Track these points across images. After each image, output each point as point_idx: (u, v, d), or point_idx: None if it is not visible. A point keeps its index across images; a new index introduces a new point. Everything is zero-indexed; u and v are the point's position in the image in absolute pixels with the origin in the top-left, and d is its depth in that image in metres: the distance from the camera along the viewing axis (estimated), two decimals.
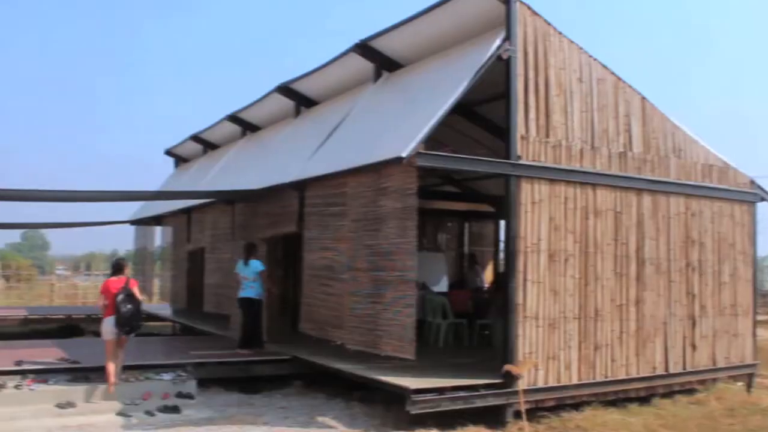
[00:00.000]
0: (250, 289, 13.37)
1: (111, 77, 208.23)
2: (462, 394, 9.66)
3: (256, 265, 13.38)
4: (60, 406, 10.07)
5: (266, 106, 16.93)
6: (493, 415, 9.84)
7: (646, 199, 11.57)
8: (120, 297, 10.72)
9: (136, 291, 10.98)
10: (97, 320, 21.25)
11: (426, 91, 11.14)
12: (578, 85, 10.94)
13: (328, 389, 11.66)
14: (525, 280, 10.09)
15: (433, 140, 9.81)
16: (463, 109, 12.57)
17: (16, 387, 10.34)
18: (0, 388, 10.19)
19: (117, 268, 11.30)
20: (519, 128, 10.17)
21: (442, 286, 17.33)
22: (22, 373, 10.82)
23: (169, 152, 24.80)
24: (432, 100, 10.30)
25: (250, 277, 13.37)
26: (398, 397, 9.63)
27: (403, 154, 9.22)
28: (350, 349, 11.12)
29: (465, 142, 14.31)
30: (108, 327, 10.83)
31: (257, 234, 14.43)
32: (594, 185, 10.91)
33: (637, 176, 11.43)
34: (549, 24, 10.65)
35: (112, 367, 10.66)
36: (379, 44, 12.67)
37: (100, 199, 15.02)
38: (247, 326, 13.51)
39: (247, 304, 13.42)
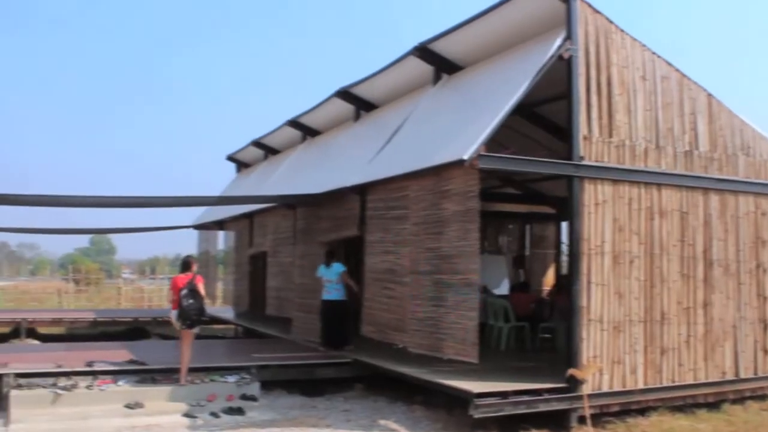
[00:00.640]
0: (335, 292, 13.59)
1: (175, 84, 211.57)
2: (525, 398, 9.54)
3: (338, 267, 13.61)
4: (129, 406, 10.31)
5: (326, 110, 17.03)
6: (557, 420, 9.70)
7: (714, 199, 11.28)
8: (183, 292, 11.24)
9: (200, 287, 11.41)
10: (163, 323, 21.88)
11: (486, 93, 11.08)
12: (641, 83, 10.74)
13: (390, 392, 11.65)
14: (589, 282, 9.94)
15: (493, 142, 9.74)
16: (522, 109, 12.45)
17: (88, 387, 10.61)
18: (72, 388, 10.46)
19: (185, 265, 11.75)
20: (581, 128, 10.03)
21: (503, 288, 17.19)
22: (93, 373, 11.09)
23: (230, 158, 25.13)
24: (492, 101, 10.23)
25: (333, 279, 13.57)
26: (461, 401, 9.58)
27: (465, 157, 9.17)
28: (412, 353, 11.11)
29: (525, 143, 14.19)
30: (174, 320, 11.39)
31: (319, 238, 14.52)
32: (659, 185, 10.69)
33: (704, 175, 11.16)
34: (610, 22, 10.49)
35: (187, 360, 11.31)
36: (438, 47, 12.64)
37: (164, 204, 15.29)
38: (333, 327, 13.68)
39: (332, 306, 13.60)
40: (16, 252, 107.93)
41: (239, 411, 10.40)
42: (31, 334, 20.45)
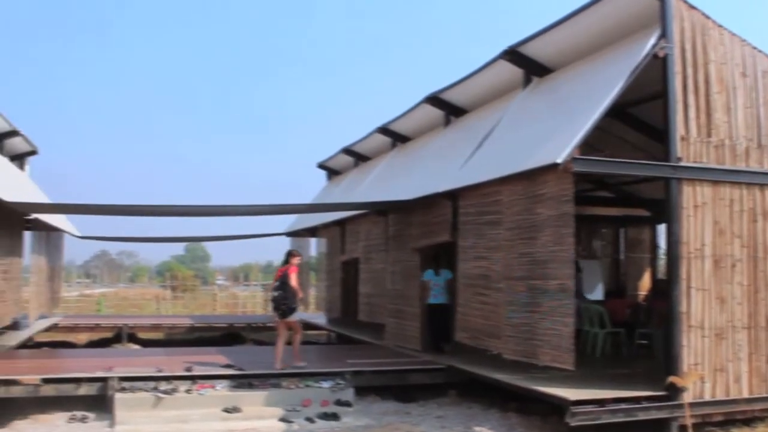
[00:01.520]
0: (442, 296, 13.93)
1: (264, 95, 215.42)
2: (623, 406, 9.33)
3: (447, 273, 13.88)
4: (226, 410, 10.53)
5: (416, 116, 17.06)
6: (657, 429, 9.46)
7: None
8: (275, 284, 12.23)
9: (291, 278, 12.11)
10: (257, 328, 22.31)
11: (579, 95, 10.91)
12: (742, 80, 10.39)
13: (483, 399, 11.57)
14: (689, 287, 9.66)
15: (585, 145, 9.57)
16: (615, 110, 12.21)
17: (187, 391, 10.91)
18: (173, 392, 10.78)
19: (285, 257, 12.52)
20: (678, 129, 9.77)
21: (598, 294, 16.88)
22: (193, 378, 11.37)
23: (321, 165, 25.44)
24: (585, 103, 10.07)
25: (441, 284, 13.93)
26: (556, 408, 9.45)
27: (559, 160, 9.06)
28: (506, 359, 11.01)
29: (618, 144, 13.93)
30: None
31: (410, 244, 14.54)
32: (762, 186, 10.31)
33: None
34: (707, 17, 10.19)
35: (278, 349, 12.21)
36: (528, 50, 12.52)
37: (257, 212, 15.61)
38: (438, 330, 13.92)
39: (439, 309, 13.89)
40: (116, 260, 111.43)
41: (334, 416, 10.49)
42: (132, 339, 21.10)
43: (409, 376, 12.30)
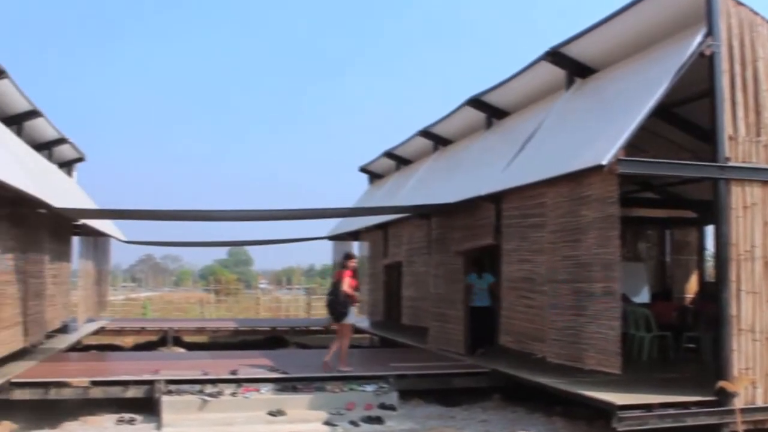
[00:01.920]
0: (485, 299, 14.11)
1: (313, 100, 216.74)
2: (671, 411, 9.18)
3: (489, 277, 14.10)
4: (271, 413, 10.60)
5: (457, 119, 17.01)
6: None
7: None
8: (330, 288, 12.73)
9: (344, 282, 12.41)
10: (300, 332, 22.42)
11: (623, 95, 10.79)
12: None
13: (528, 403, 11.46)
14: (739, 290, 9.49)
15: (630, 145, 9.46)
16: (660, 110, 12.04)
17: (232, 394, 10.99)
18: (218, 395, 10.88)
19: (342, 260, 13.05)
20: (726, 128, 9.62)
21: (643, 297, 16.69)
22: (238, 381, 11.45)
23: (363, 169, 25.49)
24: (630, 104, 9.96)
25: (485, 287, 14.12)
26: (603, 412, 9.34)
27: (603, 162, 8.98)
28: (551, 362, 10.91)
29: (663, 145, 13.74)
30: None
31: (453, 247, 14.49)
32: None
33: None
34: (756, 13, 10.01)
35: (332, 347, 12.69)
36: (570, 51, 12.41)
37: (299, 217, 15.67)
38: (480, 331, 13.99)
39: (482, 311, 14.02)
40: (160, 264, 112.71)
41: (378, 420, 10.49)
42: (177, 342, 21.33)
43: (452, 380, 12.25)
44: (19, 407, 10.73)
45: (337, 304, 12.45)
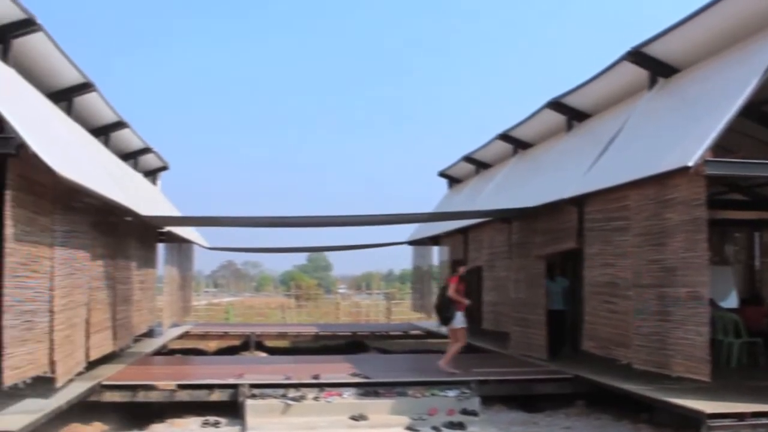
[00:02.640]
0: (558, 303, 14.31)
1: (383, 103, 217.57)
2: (764, 421, 8.85)
3: (563, 281, 14.33)
4: (353, 418, 10.64)
5: (537, 122, 16.83)
6: None
7: None
8: (439, 293, 13.42)
9: (450, 288, 12.94)
10: (381, 337, 22.47)
11: (709, 94, 10.51)
12: None
13: (612, 410, 11.22)
14: None
15: (717, 146, 9.20)
16: (748, 109, 11.67)
17: (315, 399, 11.11)
18: (301, 399, 11.00)
19: (452, 266, 13.46)
20: None
21: (731, 301, 16.20)
22: (320, 386, 11.55)
23: (442, 174, 25.44)
24: (716, 103, 9.70)
25: (559, 290, 14.30)
26: (691, 421, 9.08)
27: (690, 163, 8.77)
28: (636, 369, 10.67)
29: (752, 144, 13.31)
30: None
31: (535, 251, 14.32)
32: None
33: None
34: None
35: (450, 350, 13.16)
36: (652, 50, 12.15)
37: (379, 222, 15.73)
38: (557, 335, 14.06)
39: (558, 315, 14.18)
40: (241, 269, 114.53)
41: (460, 426, 10.41)
42: (259, 346, 21.61)
43: (535, 386, 12.11)
44: (109, 409, 11.05)
45: (443, 309, 13.07)
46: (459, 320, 13.01)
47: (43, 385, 9.60)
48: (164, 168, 22.43)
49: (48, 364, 9.57)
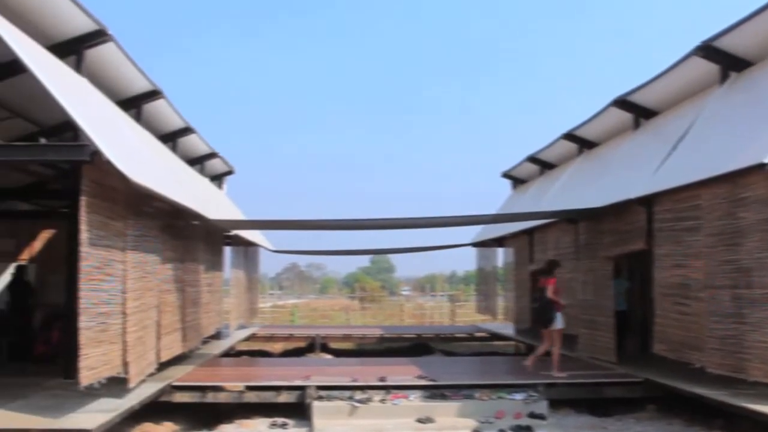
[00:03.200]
0: (622, 303, 14.39)
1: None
2: None
3: (622, 282, 14.46)
4: (420, 420, 10.62)
5: (603, 121, 16.53)
6: None
7: None
8: (536, 294, 13.21)
9: (548, 290, 12.79)
10: (446, 339, 22.40)
11: None
12: None
13: (684, 415, 10.97)
14: None
15: None
16: None
17: (381, 401, 11.13)
18: (368, 401, 11.04)
19: (548, 267, 13.31)
20: None
21: None
22: (386, 388, 11.57)
23: (506, 174, 25.22)
24: None
25: (621, 291, 14.38)
26: None
27: (765, 160, 8.49)
28: (710, 373, 10.41)
29: None
30: None
31: (602, 252, 14.10)
32: None
33: None
34: None
35: (539, 349, 13.23)
36: (723, 44, 11.81)
37: (443, 224, 15.68)
38: (621, 336, 13.94)
39: (619, 316, 13.99)
40: (305, 272, 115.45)
41: (528, 429, 10.30)
42: (324, 348, 21.75)
43: (604, 390, 11.92)
44: (179, 409, 11.23)
45: (543, 311, 12.95)
46: (559, 321, 12.88)
47: (116, 385, 9.81)
48: (230, 172, 22.75)
49: (121, 364, 9.79)
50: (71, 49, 10.86)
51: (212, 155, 19.94)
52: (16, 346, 14.01)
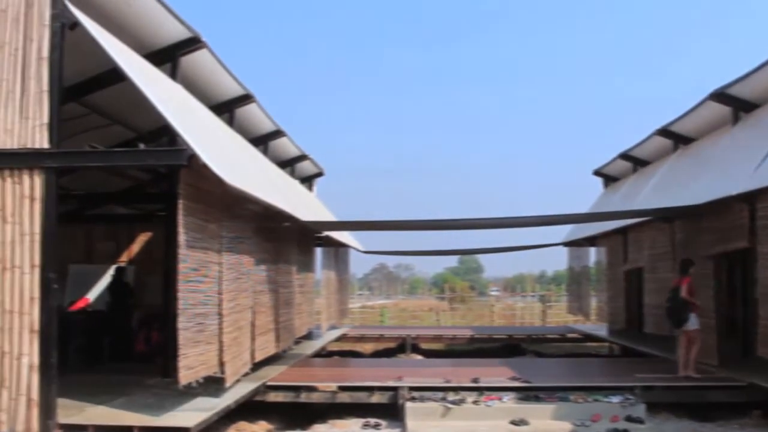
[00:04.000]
0: None
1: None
2: None
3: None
4: (514, 423, 10.48)
5: (699, 115, 15.99)
6: None
7: None
8: (669, 294, 12.88)
9: (683, 290, 12.50)
10: (537, 340, 22.13)
11: None
12: None
13: None
14: None
15: None
16: None
17: (474, 402, 11.04)
18: (461, 403, 10.97)
19: (683, 267, 12.92)
20: None
21: None
22: (479, 389, 11.48)
23: (597, 172, 24.71)
24: None
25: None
26: None
27: None
28: None
29: None
30: None
31: (701, 251, 13.63)
32: None
33: None
34: None
35: (680, 358, 12.69)
36: None
37: (533, 224, 15.46)
38: None
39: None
40: (393, 272, 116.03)
41: None
42: (415, 349, 21.74)
43: (706, 394, 11.53)
44: (273, 409, 11.39)
45: (676, 311, 12.64)
46: (693, 322, 12.55)
47: (212, 384, 10.02)
48: (320, 174, 23.01)
49: (218, 364, 9.98)
50: (167, 57, 11.18)
51: (302, 157, 20.20)
52: (117, 345, 14.44)
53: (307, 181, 22.65)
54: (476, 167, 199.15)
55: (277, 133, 17.08)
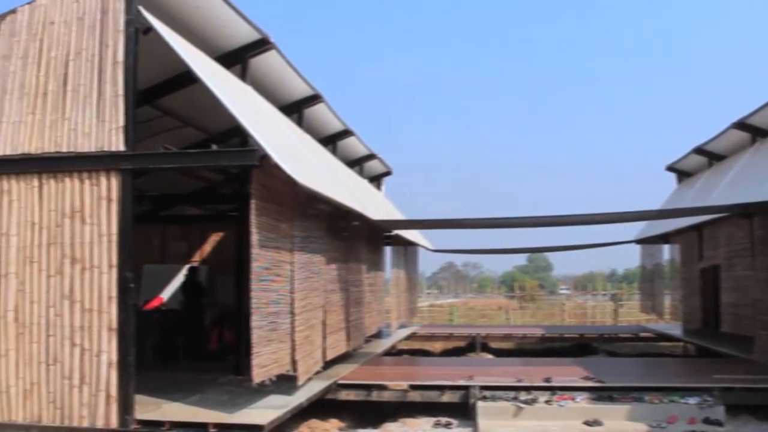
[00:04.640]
0: None
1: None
2: None
3: None
4: (587, 423, 10.33)
5: None
6: None
7: None
8: None
9: None
10: (609, 339, 21.75)
11: None
12: None
13: None
14: None
15: None
16: None
17: (547, 402, 10.90)
18: (533, 402, 10.85)
19: None
20: None
21: None
22: (551, 389, 11.33)
23: (670, 168, 24.16)
24: None
25: None
26: None
27: None
28: None
29: None
30: None
31: None
32: None
33: None
34: None
35: None
36: None
37: (604, 221, 15.15)
38: None
39: None
40: (461, 271, 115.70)
41: None
42: (485, 348, 21.60)
43: None
44: (344, 407, 11.45)
45: None
46: None
47: (284, 382, 10.13)
48: (388, 173, 23.05)
49: (290, 363, 10.08)
50: (237, 59, 11.35)
51: (371, 156, 20.26)
52: (191, 344, 14.71)
53: (375, 180, 22.71)
54: (549, 166, 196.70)
55: (346, 133, 17.17)
